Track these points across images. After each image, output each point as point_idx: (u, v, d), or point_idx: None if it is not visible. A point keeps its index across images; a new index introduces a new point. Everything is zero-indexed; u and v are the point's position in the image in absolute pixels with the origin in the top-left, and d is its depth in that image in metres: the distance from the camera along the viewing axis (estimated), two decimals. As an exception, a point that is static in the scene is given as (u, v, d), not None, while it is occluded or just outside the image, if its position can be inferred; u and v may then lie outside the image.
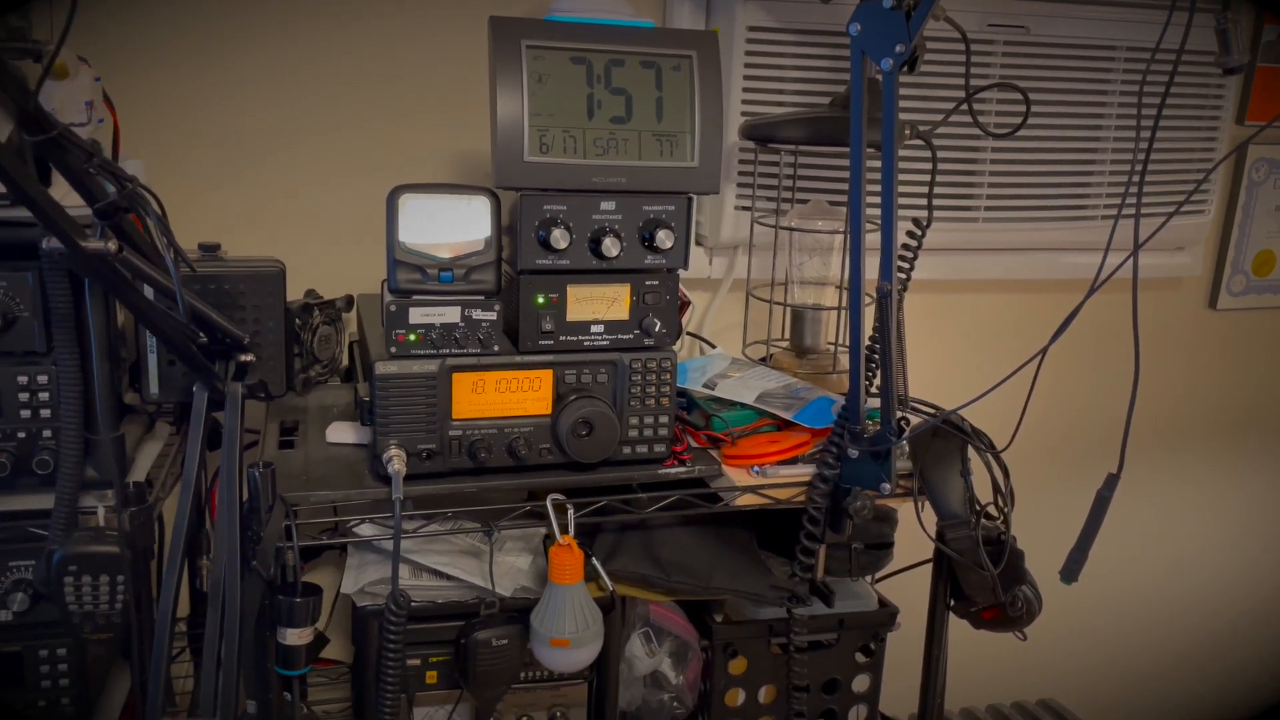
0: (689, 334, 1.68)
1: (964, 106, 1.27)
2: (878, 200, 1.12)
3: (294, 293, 1.40)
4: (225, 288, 1.21)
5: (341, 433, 1.28)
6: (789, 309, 1.57)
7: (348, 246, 1.58)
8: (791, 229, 1.53)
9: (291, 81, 1.54)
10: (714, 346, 1.61)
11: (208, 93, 1.52)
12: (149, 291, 1.02)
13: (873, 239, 1.14)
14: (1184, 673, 2.41)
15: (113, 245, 0.80)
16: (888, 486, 1.18)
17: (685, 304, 1.50)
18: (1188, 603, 2.35)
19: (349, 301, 1.49)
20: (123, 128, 1.30)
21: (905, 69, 1.09)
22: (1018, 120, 1.33)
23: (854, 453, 1.19)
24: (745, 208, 1.65)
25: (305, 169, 1.58)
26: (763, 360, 1.57)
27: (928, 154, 1.31)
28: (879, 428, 1.17)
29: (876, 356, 1.24)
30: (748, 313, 1.64)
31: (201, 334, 1.09)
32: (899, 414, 1.20)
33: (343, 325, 1.48)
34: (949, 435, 1.25)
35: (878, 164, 1.13)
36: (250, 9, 1.50)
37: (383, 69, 1.57)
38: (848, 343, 1.51)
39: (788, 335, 1.58)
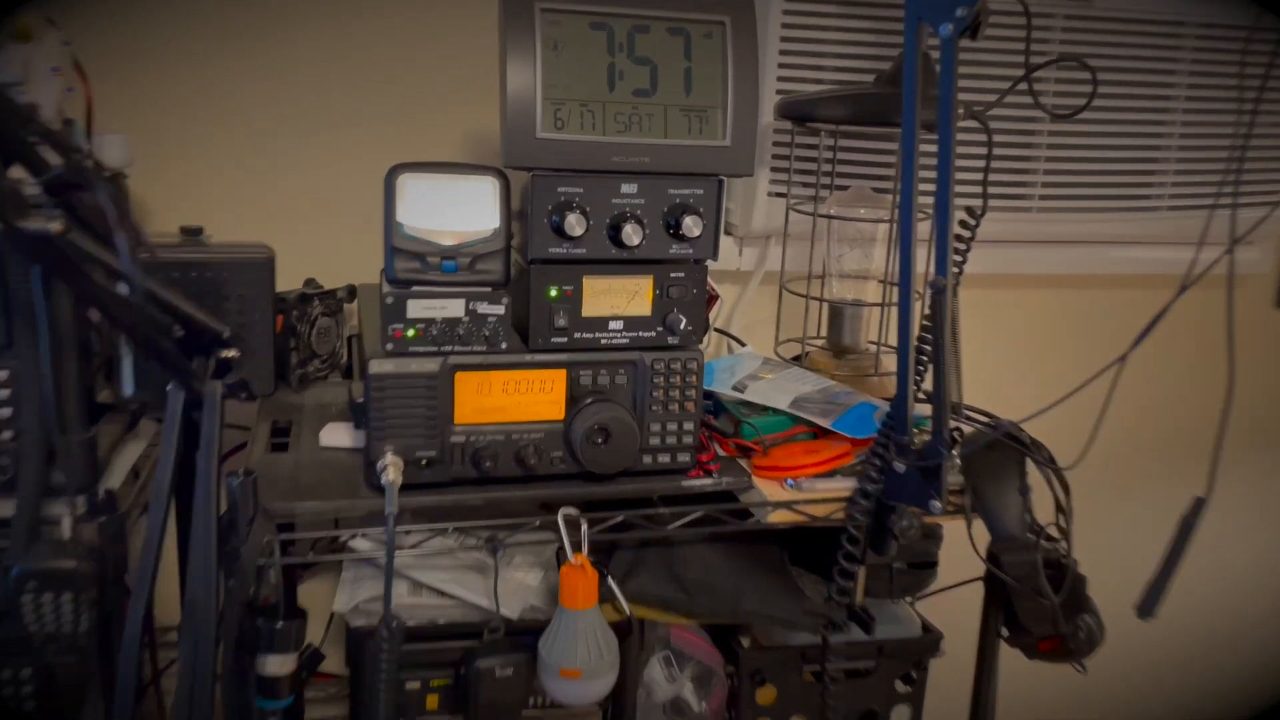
0: (717, 331, 1.58)
1: (1022, 85, 1.15)
2: (927, 186, 1.01)
3: (293, 281, 1.32)
4: (207, 276, 1.11)
5: (336, 435, 1.17)
6: (826, 304, 1.47)
7: (351, 232, 1.48)
8: (831, 217, 1.42)
9: (290, 54, 1.45)
10: (744, 345, 1.51)
11: (200, 63, 1.42)
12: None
13: (920, 229, 1.03)
14: (1245, 697, 2.28)
15: (56, 225, 0.70)
16: (938, 505, 1.06)
17: (713, 298, 1.41)
18: (1250, 622, 2.22)
19: (351, 292, 1.39)
20: (105, 101, 1.20)
21: (966, 35, 0.97)
22: (1078, 101, 1.21)
23: (900, 466, 1.08)
24: (780, 194, 1.53)
25: (307, 148, 1.48)
26: (797, 360, 1.46)
27: (976, 137, 1.19)
28: (928, 439, 1.06)
29: (923, 358, 1.13)
30: (781, 308, 1.53)
31: (178, 327, 0.99)
32: (952, 424, 1.08)
33: (344, 317, 1.39)
34: (1004, 447, 1.13)
35: (926, 146, 1.02)
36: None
37: (389, 39, 1.48)
38: (890, 342, 1.41)
39: (824, 333, 1.48)
